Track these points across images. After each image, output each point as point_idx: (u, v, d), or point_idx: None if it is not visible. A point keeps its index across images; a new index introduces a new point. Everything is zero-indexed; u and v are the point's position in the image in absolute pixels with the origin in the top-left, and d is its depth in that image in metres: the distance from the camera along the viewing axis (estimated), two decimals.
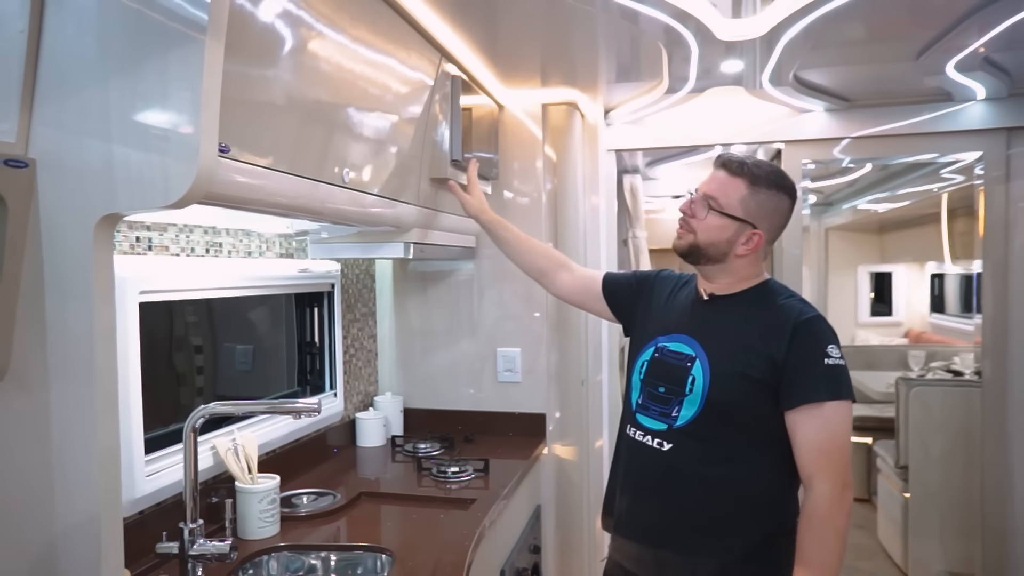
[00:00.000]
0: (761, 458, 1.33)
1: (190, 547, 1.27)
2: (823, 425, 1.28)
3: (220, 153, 1.01)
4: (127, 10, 0.94)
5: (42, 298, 0.98)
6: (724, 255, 1.37)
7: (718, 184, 1.36)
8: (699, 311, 1.43)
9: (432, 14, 1.71)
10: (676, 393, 1.37)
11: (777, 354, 1.29)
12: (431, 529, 1.60)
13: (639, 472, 1.42)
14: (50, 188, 0.97)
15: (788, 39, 1.76)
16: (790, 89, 2.32)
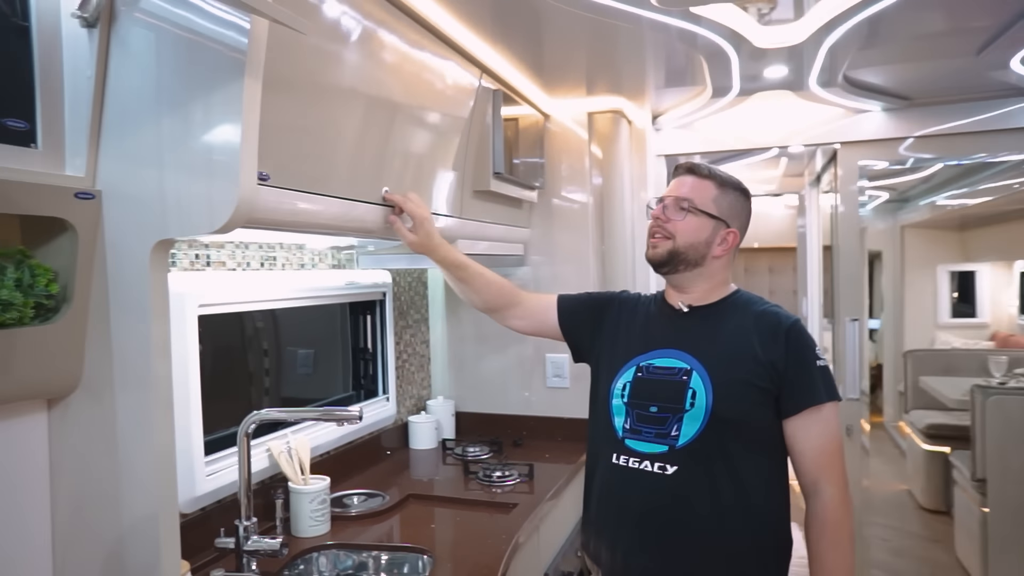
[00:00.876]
0: (767, 471, 1.30)
1: (245, 543, 1.37)
2: (824, 428, 1.27)
3: (260, 181, 1.10)
4: (177, 54, 1.04)
5: (107, 316, 1.09)
6: (703, 257, 1.35)
7: (689, 187, 1.36)
8: (681, 323, 1.38)
9: (471, 35, 1.77)
10: (673, 410, 1.29)
11: (777, 360, 1.28)
12: (473, 531, 1.66)
13: (639, 502, 1.30)
14: (113, 216, 1.08)
15: (831, 43, 1.73)
16: (842, 91, 2.26)
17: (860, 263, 2.67)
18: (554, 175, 2.51)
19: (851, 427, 2.66)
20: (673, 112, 2.65)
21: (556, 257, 2.53)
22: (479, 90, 1.90)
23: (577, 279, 2.50)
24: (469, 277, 1.62)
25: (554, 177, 2.51)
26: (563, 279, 2.51)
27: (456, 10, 1.61)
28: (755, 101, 2.51)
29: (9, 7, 1.01)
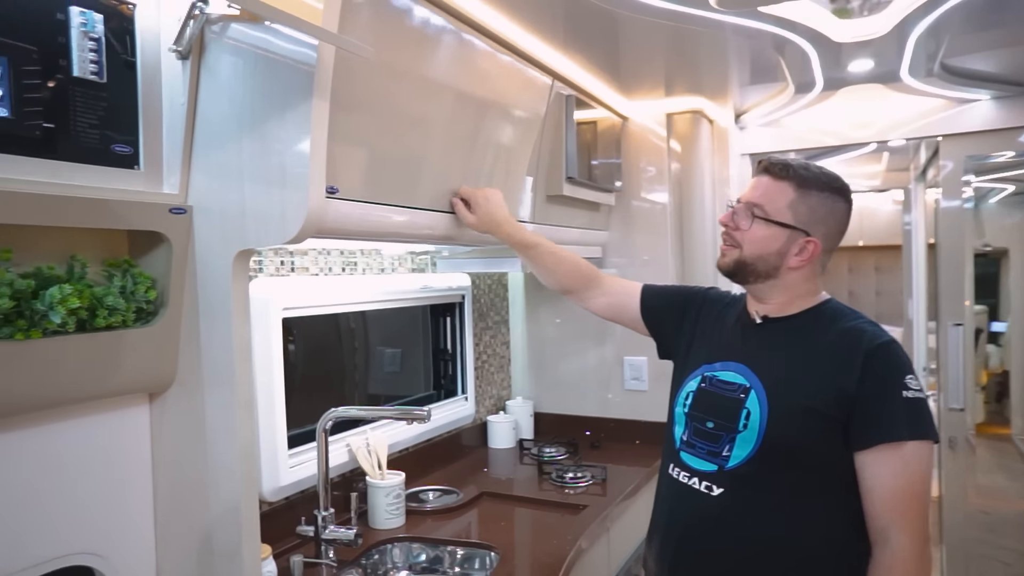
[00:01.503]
0: (826, 508, 1.15)
1: (322, 531, 1.47)
2: (902, 468, 1.09)
3: (328, 194, 1.17)
4: (255, 77, 1.13)
5: (197, 319, 1.20)
6: (775, 269, 1.22)
7: (762, 190, 1.22)
8: (751, 336, 1.27)
9: (543, 45, 1.79)
10: (727, 429, 1.20)
11: (847, 384, 1.12)
12: (540, 531, 1.69)
13: (685, 519, 1.24)
14: (202, 229, 1.19)
15: (919, 33, 1.63)
16: (940, 80, 2.12)
17: (964, 263, 2.48)
18: (633, 177, 2.50)
19: (954, 439, 2.49)
20: (757, 110, 2.57)
21: (635, 259, 2.52)
22: (551, 96, 1.93)
23: (655, 281, 2.45)
24: (539, 256, 1.58)
25: (633, 179, 2.50)
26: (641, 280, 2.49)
27: (528, 22, 1.65)
28: (846, 95, 2.40)
29: (120, 46, 1.14)
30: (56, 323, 0.98)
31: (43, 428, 1.07)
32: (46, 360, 1.00)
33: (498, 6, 1.53)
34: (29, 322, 0.97)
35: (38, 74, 1.01)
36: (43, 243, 1.05)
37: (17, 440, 1.03)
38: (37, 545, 1.05)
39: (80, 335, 1.04)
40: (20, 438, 1.03)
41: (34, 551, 1.04)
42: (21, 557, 1.03)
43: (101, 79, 1.10)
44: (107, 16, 1.10)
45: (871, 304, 6.75)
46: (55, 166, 1.04)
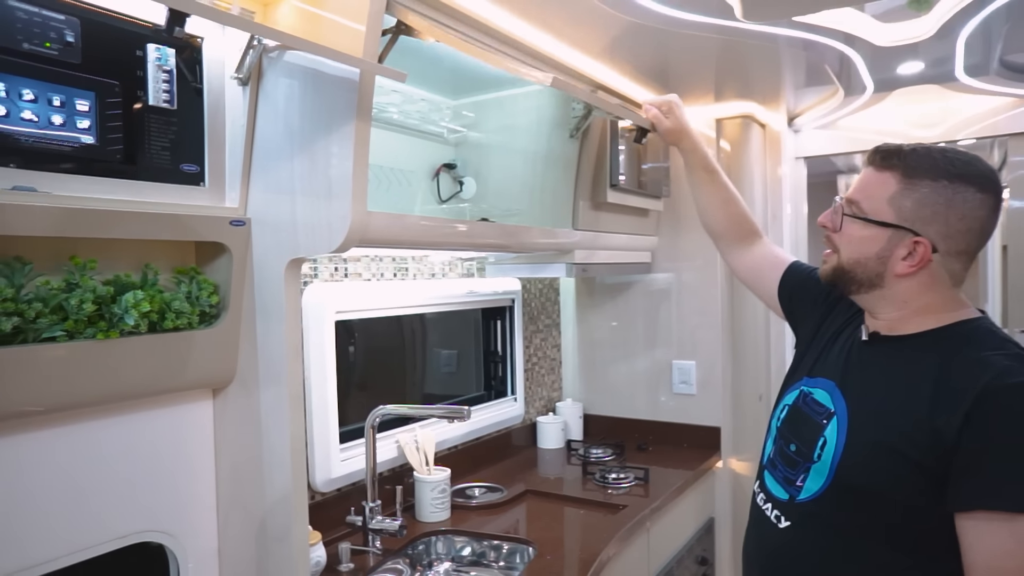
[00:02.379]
0: (917, 569, 0.97)
1: (369, 521, 1.57)
2: (1014, 547, 0.87)
3: None
4: (305, 101, 1.24)
5: (254, 322, 1.31)
6: (879, 277, 1.03)
7: (862, 184, 1.05)
8: (855, 354, 1.10)
9: (586, 58, 1.84)
10: (805, 456, 1.07)
11: (947, 427, 0.91)
12: (579, 528, 1.74)
13: (756, 546, 1.16)
14: (259, 239, 1.30)
15: (968, 32, 1.60)
16: (1001, 78, 2.05)
17: None
18: (682, 183, 2.50)
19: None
20: (811, 112, 2.53)
21: (683, 265, 2.53)
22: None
23: (704, 287, 2.49)
24: (714, 184, 1.47)
25: (682, 185, 2.51)
26: (691, 287, 2.51)
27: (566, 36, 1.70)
28: (907, 95, 2.34)
29: (191, 74, 1.26)
30: (130, 325, 1.11)
31: (121, 418, 1.20)
32: (123, 357, 1.13)
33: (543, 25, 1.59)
34: (108, 324, 1.11)
35: (119, 105, 1.15)
36: (121, 253, 1.19)
37: (99, 429, 1.17)
38: (116, 522, 1.18)
39: (151, 335, 1.16)
40: (102, 427, 1.17)
41: (113, 527, 1.18)
42: (102, 531, 1.17)
43: (172, 106, 1.23)
44: (179, 49, 1.23)
45: None
46: (132, 185, 1.17)
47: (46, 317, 1.03)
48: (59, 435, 1.11)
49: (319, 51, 1.08)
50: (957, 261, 1.02)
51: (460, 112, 2.03)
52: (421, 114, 1.93)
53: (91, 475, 1.15)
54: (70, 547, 1.12)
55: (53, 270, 1.07)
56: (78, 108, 1.09)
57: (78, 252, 1.10)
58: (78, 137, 1.09)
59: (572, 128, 1.93)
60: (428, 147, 2.00)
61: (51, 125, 1.06)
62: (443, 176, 2.02)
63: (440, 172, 2.01)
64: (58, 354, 1.03)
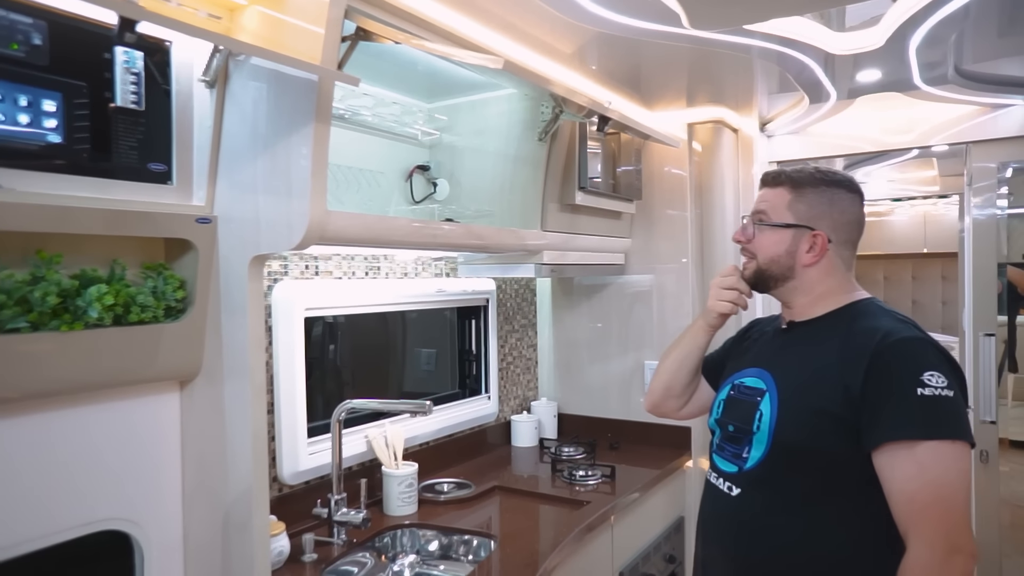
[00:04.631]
0: (842, 511, 1.13)
1: (334, 513, 1.60)
2: (917, 471, 1.04)
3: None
4: (268, 103, 1.28)
5: (219, 316, 1.35)
6: (790, 270, 1.26)
7: (762, 199, 1.30)
8: (776, 342, 1.31)
9: (555, 64, 1.89)
10: (744, 432, 1.23)
11: (854, 382, 1.10)
12: (541, 523, 1.78)
13: (712, 518, 1.30)
14: (224, 236, 1.34)
15: (918, 42, 1.65)
16: (959, 87, 2.10)
17: (993, 272, 2.44)
18: (655, 186, 2.56)
19: (986, 452, 2.44)
20: (782, 118, 2.59)
21: (657, 267, 2.58)
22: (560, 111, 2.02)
23: (677, 288, 2.53)
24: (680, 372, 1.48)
25: (655, 188, 2.56)
26: (664, 288, 2.56)
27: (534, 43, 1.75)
28: (879, 101, 2.40)
29: (161, 76, 1.31)
30: (94, 317, 1.15)
31: (88, 408, 1.24)
32: (88, 349, 1.17)
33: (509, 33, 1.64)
34: (73, 316, 1.15)
35: (86, 105, 1.19)
36: (90, 249, 1.23)
37: (65, 418, 1.20)
38: (80, 510, 1.22)
39: (116, 328, 1.20)
40: (68, 416, 1.21)
41: (78, 515, 1.22)
42: (67, 519, 1.20)
43: (140, 107, 1.27)
44: (147, 52, 1.27)
45: (937, 315, 6.43)
46: (99, 183, 1.21)
47: (10, 309, 1.07)
48: (25, 423, 1.15)
49: (276, 58, 1.13)
50: (846, 248, 1.27)
51: (434, 115, 2.07)
52: (395, 117, 1.97)
53: (57, 464, 1.19)
54: (34, 533, 1.16)
55: (20, 264, 1.11)
56: (45, 108, 1.13)
57: (46, 248, 1.14)
58: (44, 135, 1.13)
59: (541, 132, 1.98)
60: (402, 149, 2.05)
61: (18, 124, 1.10)
62: (416, 177, 2.07)
63: (413, 173, 2.06)
64: (22, 344, 1.07)
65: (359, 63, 1.35)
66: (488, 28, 1.61)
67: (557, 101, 1.86)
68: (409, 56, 1.66)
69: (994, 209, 2.44)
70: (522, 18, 1.60)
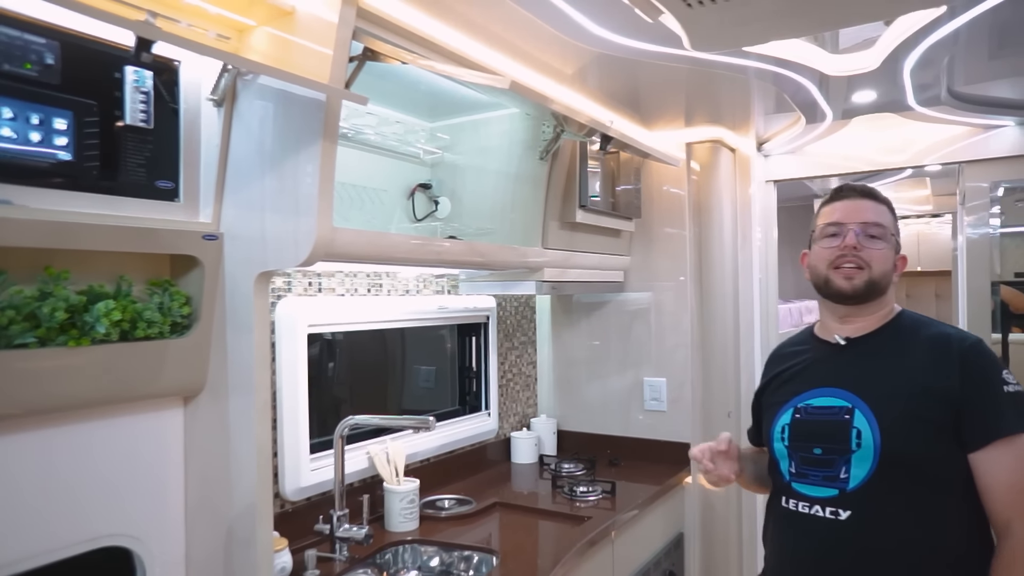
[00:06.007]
0: (948, 513, 1.17)
1: (336, 529, 1.60)
2: (1017, 462, 1.14)
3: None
4: (276, 122, 1.30)
5: (225, 332, 1.36)
6: (888, 284, 1.30)
7: (874, 212, 1.30)
8: (838, 359, 1.30)
9: (554, 83, 1.92)
10: (839, 452, 1.22)
11: (950, 387, 1.16)
12: (542, 538, 1.79)
13: (814, 549, 1.23)
14: (230, 253, 1.36)
15: (912, 65, 1.69)
16: (951, 108, 2.14)
17: (987, 290, 2.47)
18: (654, 204, 2.59)
19: None
20: (779, 138, 2.62)
21: (656, 284, 2.60)
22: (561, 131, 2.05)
23: (676, 306, 2.55)
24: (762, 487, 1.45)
25: (654, 206, 2.59)
26: (662, 306, 2.58)
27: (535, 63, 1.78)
28: (866, 123, 2.44)
29: (168, 95, 1.33)
30: (101, 333, 1.16)
31: (91, 424, 1.24)
32: (95, 364, 1.17)
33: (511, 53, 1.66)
34: (80, 332, 1.15)
35: (96, 124, 1.21)
36: (97, 265, 1.24)
37: (68, 434, 1.20)
38: (83, 527, 1.22)
39: (123, 344, 1.21)
40: (71, 432, 1.21)
41: (80, 531, 1.21)
42: (69, 535, 1.20)
43: (148, 125, 1.29)
44: (156, 71, 1.29)
45: None
46: (108, 200, 1.22)
47: (18, 324, 1.08)
48: (28, 439, 1.15)
49: (286, 77, 1.15)
50: None
51: (436, 134, 2.10)
52: (398, 136, 2.00)
53: (60, 480, 1.19)
54: (36, 550, 1.16)
55: (28, 280, 1.12)
56: (56, 126, 1.15)
57: (54, 264, 1.15)
58: (55, 153, 1.15)
59: (542, 151, 2.00)
60: (404, 167, 2.07)
61: (29, 142, 1.11)
62: (418, 196, 2.09)
63: (415, 192, 2.08)
64: (30, 359, 1.08)
65: (362, 83, 1.37)
66: (491, 48, 1.64)
67: (559, 120, 1.89)
68: (412, 76, 1.69)
69: (987, 228, 2.47)
70: (525, 39, 1.63)
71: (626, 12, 1.32)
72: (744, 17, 1.15)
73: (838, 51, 1.65)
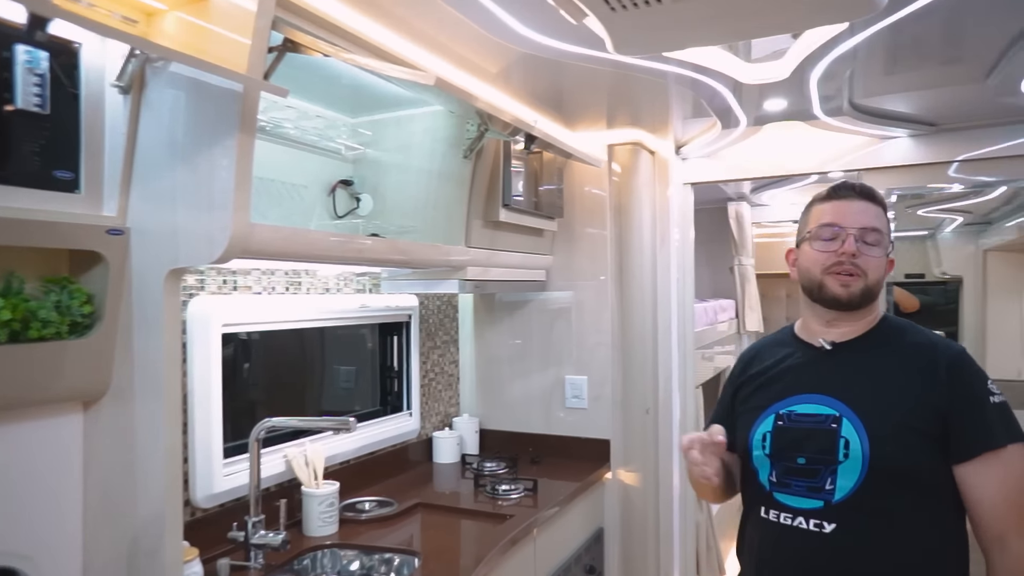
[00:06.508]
0: (934, 526, 1.15)
1: (252, 536, 1.55)
2: (1008, 474, 1.11)
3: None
4: (188, 112, 1.24)
5: (131, 333, 1.28)
6: (880, 290, 1.25)
7: (873, 215, 1.24)
8: (823, 364, 1.25)
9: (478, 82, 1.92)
10: (825, 462, 1.17)
11: (938, 397, 1.14)
12: (465, 538, 1.79)
13: (796, 562, 1.19)
14: (138, 249, 1.28)
15: (817, 77, 1.79)
16: (853, 119, 2.28)
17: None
18: (576, 205, 2.63)
19: None
20: (696, 142, 2.71)
21: (577, 283, 2.64)
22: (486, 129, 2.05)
23: (597, 305, 2.60)
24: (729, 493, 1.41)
25: (576, 207, 2.63)
26: (584, 305, 2.62)
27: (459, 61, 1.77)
28: (776, 130, 2.56)
29: (67, 79, 1.24)
30: None
31: None
32: None
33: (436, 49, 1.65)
34: None
35: None
36: None
37: None
38: None
39: (13, 346, 1.12)
40: None
41: None
42: None
43: (44, 110, 1.20)
44: (53, 53, 1.20)
45: None
46: None
47: None
48: None
49: (201, 65, 1.09)
50: None
51: (358, 130, 2.06)
52: (318, 131, 1.94)
53: None
54: None
55: None
56: None
57: None
58: None
59: (466, 149, 2.00)
60: (325, 163, 2.02)
61: None
62: (340, 192, 2.04)
63: (337, 188, 2.03)
64: None
65: (282, 75, 1.33)
66: (415, 45, 1.62)
67: (483, 119, 1.89)
68: (334, 69, 1.65)
69: None
70: (450, 36, 1.62)
71: (551, 13, 1.33)
72: (665, 23, 1.19)
73: (750, 60, 1.72)
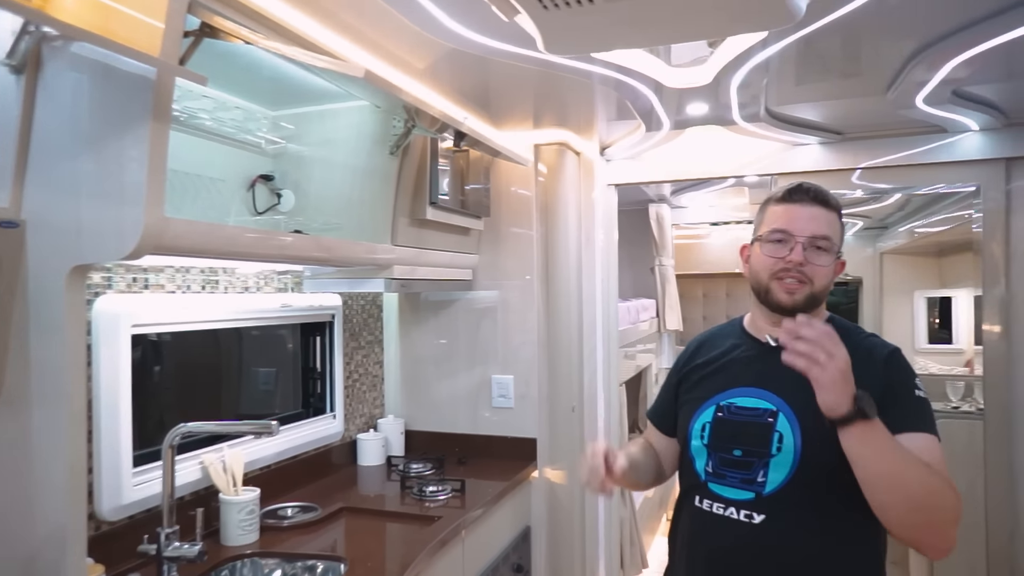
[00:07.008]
0: (863, 521, 1.16)
1: (165, 549, 1.46)
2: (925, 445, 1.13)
3: None
4: (94, 98, 1.16)
5: (28, 335, 1.18)
6: (827, 295, 1.27)
7: (825, 222, 1.24)
8: (767, 360, 1.25)
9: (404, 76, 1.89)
10: (758, 455, 1.21)
11: (873, 391, 1.12)
12: (392, 541, 1.75)
13: (725, 551, 1.23)
14: (35, 244, 1.18)
15: (737, 84, 1.86)
16: (768, 125, 2.38)
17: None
18: (502, 204, 2.63)
19: None
20: (621, 143, 2.76)
21: (503, 283, 2.64)
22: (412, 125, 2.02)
23: (523, 304, 2.61)
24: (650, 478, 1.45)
25: (502, 206, 2.63)
26: (510, 304, 2.63)
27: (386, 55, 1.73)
28: (697, 133, 2.64)
29: None
30: None
31: None
32: None
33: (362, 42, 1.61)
34: None
35: None
36: None
37: None
38: None
39: None
40: None
41: None
42: None
43: None
44: None
45: None
46: None
47: None
48: None
49: (110, 46, 1.02)
50: None
51: (279, 123, 1.98)
52: (236, 123, 1.86)
53: None
54: None
55: None
56: None
57: None
58: None
59: (392, 145, 1.96)
60: (244, 157, 1.94)
61: None
62: (259, 187, 1.96)
63: (256, 183, 1.95)
64: None
65: (198, 62, 1.26)
66: (341, 36, 1.57)
67: (410, 115, 1.86)
68: (254, 59, 1.58)
69: None
70: (377, 29, 1.58)
71: (483, 9, 1.32)
72: (596, 23, 1.20)
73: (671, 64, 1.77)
